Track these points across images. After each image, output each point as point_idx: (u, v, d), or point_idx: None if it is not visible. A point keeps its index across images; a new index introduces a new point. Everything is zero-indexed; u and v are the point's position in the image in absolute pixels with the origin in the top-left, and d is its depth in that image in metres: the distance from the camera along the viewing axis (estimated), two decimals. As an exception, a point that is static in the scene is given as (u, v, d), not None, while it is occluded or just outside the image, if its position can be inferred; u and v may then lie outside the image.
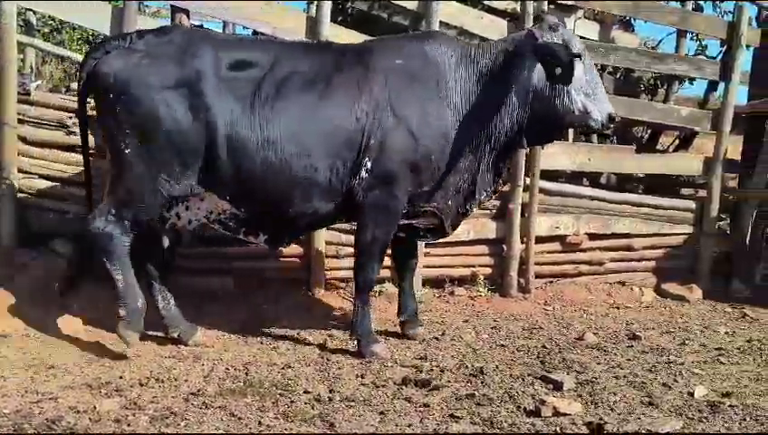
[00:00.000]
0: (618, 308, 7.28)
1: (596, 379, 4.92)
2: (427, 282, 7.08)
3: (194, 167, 4.91)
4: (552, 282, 7.61)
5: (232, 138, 4.88)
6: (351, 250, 6.67)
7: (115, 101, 4.82)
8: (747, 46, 8.15)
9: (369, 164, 5.06)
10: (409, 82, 5.19)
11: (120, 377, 4.58)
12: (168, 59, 4.89)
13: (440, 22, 6.94)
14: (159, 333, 5.43)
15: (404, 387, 4.68)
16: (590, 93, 5.33)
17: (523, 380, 4.87)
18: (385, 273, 6.94)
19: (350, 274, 6.65)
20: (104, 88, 4.87)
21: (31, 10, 7.58)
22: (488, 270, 7.36)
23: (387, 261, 6.86)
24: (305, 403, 4.33)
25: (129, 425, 3.90)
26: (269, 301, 6.44)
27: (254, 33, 9.10)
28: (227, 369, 4.88)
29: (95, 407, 4.08)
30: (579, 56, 5.20)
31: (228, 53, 5.01)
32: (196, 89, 4.85)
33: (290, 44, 5.38)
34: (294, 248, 6.51)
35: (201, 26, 7.55)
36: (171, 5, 6.79)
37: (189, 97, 4.84)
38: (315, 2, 6.83)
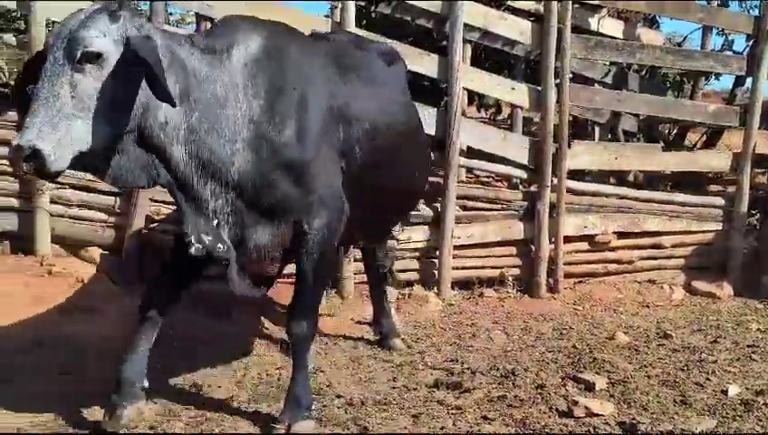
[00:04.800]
0: (648, 307, 7.24)
1: (628, 379, 4.91)
2: (455, 284, 7.08)
3: None
4: (581, 282, 7.57)
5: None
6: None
7: None
8: (774, 40, 8.08)
9: None
10: None
11: (155, 382, 4.62)
12: None
13: (464, 24, 6.95)
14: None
15: (436, 390, 4.71)
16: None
17: (555, 381, 4.88)
18: (413, 275, 6.98)
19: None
20: None
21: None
22: (516, 271, 7.35)
23: (415, 264, 6.98)
24: (338, 407, 4.36)
25: (164, 431, 3.97)
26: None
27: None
28: (260, 374, 4.92)
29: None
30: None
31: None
32: None
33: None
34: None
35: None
36: (195, 13, 6.84)
37: None
38: (338, 7, 6.86)
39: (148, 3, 6.46)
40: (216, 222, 3.81)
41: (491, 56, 8.87)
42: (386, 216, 5.04)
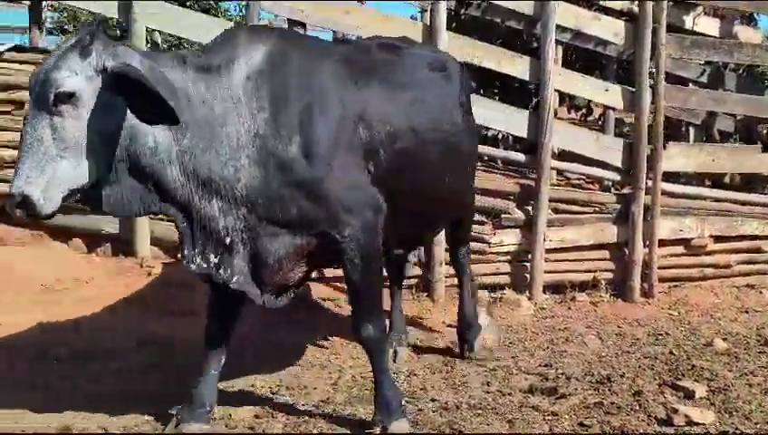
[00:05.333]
0: (746, 312, 7.02)
1: (728, 387, 4.80)
2: (547, 287, 7.00)
3: None
4: (676, 286, 7.41)
5: None
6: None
7: None
8: None
9: None
10: None
11: (252, 385, 4.73)
12: None
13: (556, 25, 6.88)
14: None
15: (530, 395, 4.68)
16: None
17: (652, 387, 4.79)
18: (504, 279, 6.94)
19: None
20: None
21: (157, 30, 7.92)
22: (609, 275, 7.23)
23: (506, 267, 6.94)
24: (433, 411, 4.37)
25: (263, 432, 4.04)
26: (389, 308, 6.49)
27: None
28: (354, 377, 4.96)
29: (230, 414, 4.23)
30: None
31: None
32: None
33: None
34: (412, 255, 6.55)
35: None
36: (288, 19, 6.90)
37: None
38: (428, 10, 6.86)
39: (245, 3, 6.51)
40: (228, 240, 3.77)
41: (581, 57, 8.79)
42: (416, 221, 4.63)
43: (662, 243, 7.26)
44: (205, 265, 3.77)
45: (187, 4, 12.71)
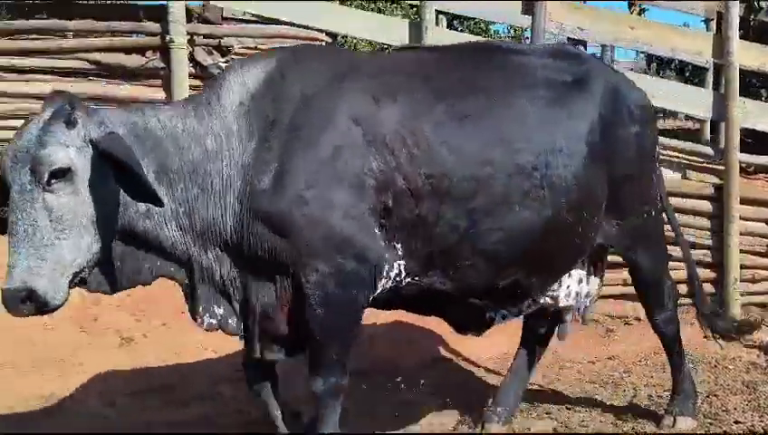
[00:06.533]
0: None
1: None
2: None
3: None
4: None
5: None
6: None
7: None
8: None
9: None
10: None
11: (548, 401, 4.80)
12: None
13: None
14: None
15: None
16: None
17: None
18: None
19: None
20: None
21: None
22: None
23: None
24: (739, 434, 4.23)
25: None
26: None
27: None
28: (650, 396, 4.90)
29: (529, 428, 4.34)
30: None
31: None
32: None
33: None
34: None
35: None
36: (567, 38, 6.93)
37: None
38: (713, 20, 6.66)
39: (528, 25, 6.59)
40: (230, 290, 3.45)
41: None
42: (488, 261, 3.65)
43: None
44: (213, 322, 3.48)
45: (459, 29, 13.05)
